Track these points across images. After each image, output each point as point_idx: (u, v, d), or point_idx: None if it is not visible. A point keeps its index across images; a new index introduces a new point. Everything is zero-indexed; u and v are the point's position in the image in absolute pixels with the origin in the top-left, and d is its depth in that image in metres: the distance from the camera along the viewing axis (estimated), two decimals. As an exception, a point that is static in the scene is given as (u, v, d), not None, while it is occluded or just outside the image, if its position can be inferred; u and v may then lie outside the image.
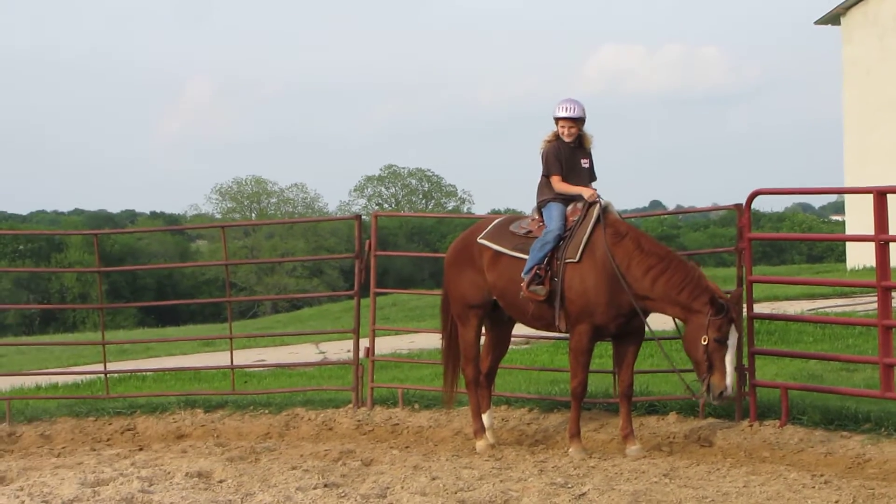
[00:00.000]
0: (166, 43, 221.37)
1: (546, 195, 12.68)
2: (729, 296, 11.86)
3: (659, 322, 12.58)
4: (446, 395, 13.73)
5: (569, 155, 12.66)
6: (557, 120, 12.67)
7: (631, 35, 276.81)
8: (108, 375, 16.79)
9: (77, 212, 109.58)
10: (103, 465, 12.76)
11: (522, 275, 12.43)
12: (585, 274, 12.21)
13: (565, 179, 12.60)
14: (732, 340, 11.69)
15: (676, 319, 12.52)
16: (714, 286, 11.84)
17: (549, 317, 12.53)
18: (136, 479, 11.34)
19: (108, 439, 14.95)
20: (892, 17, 36.28)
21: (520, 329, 13.70)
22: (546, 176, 12.69)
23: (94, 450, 14.23)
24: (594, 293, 12.15)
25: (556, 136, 12.70)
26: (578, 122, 12.65)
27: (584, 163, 12.71)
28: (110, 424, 15.24)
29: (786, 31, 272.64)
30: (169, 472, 11.86)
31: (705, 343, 11.63)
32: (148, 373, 19.18)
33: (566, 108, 12.62)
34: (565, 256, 12.29)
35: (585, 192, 12.50)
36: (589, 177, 12.73)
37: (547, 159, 12.67)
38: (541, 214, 12.72)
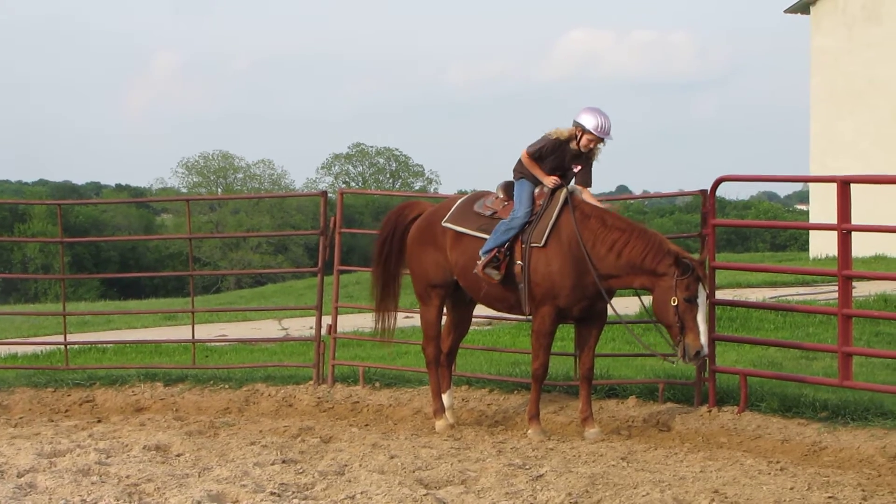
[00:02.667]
0: (135, 12, 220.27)
1: (522, 169, 12.54)
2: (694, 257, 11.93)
3: (621, 305, 12.60)
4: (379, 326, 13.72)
5: (564, 156, 12.46)
6: (584, 130, 12.28)
7: (600, 20, 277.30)
8: (68, 347, 16.72)
9: (41, 182, 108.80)
10: (60, 436, 12.72)
11: (480, 253, 12.40)
12: (551, 258, 12.20)
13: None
14: (702, 299, 11.70)
15: (642, 299, 12.57)
16: (677, 248, 11.86)
17: (511, 300, 12.52)
18: (94, 451, 11.31)
19: (67, 410, 14.91)
20: (862, 7, 36.39)
21: (482, 310, 13.71)
22: (527, 151, 12.50)
23: (52, 421, 14.18)
24: (559, 277, 12.15)
25: (573, 140, 12.39)
26: (604, 141, 12.42)
27: (576, 167, 12.51)
28: (69, 396, 15.19)
29: (755, 18, 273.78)
30: (127, 445, 11.84)
31: (675, 304, 11.64)
32: (108, 345, 19.10)
33: (599, 127, 12.22)
34: (531, 240, 12.28)
35: (547, 181, 12.43)
36: (571, 180, 12.54)
37: (541, 143, 12.39)
38: (506, 193, 12.65)
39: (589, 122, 12.22)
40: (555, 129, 12.48)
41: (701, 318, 11.65)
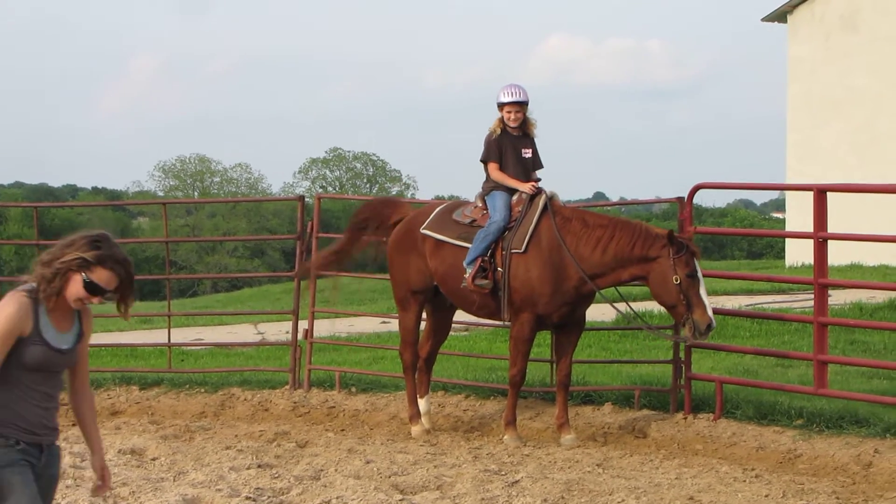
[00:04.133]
0: (112, 13, 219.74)
1: (491, 182, 12.68)
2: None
3: (597, 311, 12.62)
4: None
5: (511, 145, 12.65)
6: (502, 106, 12.64)
7: (577, 27, 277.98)
8: (43, 350, 16.65)
9: (17, 184, 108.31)
10: (35, 439, 12.66)
11: (465, 265, 12.43)
12: (531, 264, 12.23)
13: (507, 169, 12.60)
14: (700, 274, 11.77)
15: (629, 304, 12.63)
16: (665, 230, 11.93)
17: (491, 306, 12.54)
18: (68, 455, 11.27)
19: (42, 414, 14.83)
20: (839, 16, 36.50)
21: (460, 316, 13.72)
22: (483, 162, 12.70)
23: (27, 424, 14.12)
24: (539, 283, 12.18)
25: (502, 124, 12.69)
26: (523, 105, 12.65)
27: (527, 153, 12.70)
28: (44, 399, 15.12)
29: (732, 26, 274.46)
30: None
31: (678, 282, 11.69)
32: (84, 348, 18.99)
33: (510, 93, 12.61)
34: (511, 247, 12.30)
35: (524, 187, 12.50)
36: (532, 167, 12.73)
37: (487, 146, 12.69)
38: (484, 202, 12.72)
39: (503, 96, 12.66)
40: (489, 128, 12.77)
41: (703, 293, 11.70)
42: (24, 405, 5.91)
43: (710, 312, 11.70)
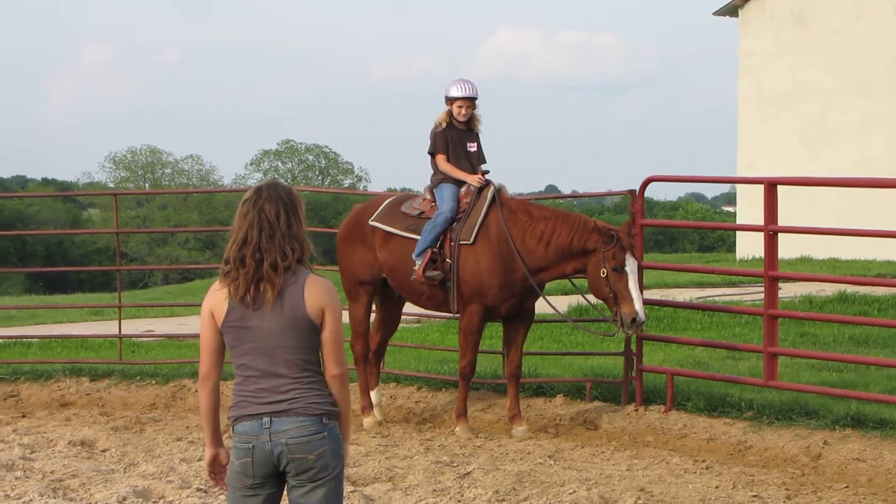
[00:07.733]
0: (63, 1, 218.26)
1: (439, 175, 12.69)
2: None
3: (545, 306, 12.65)
4: None
5: (456, 138, 12.67)
6: (452, 100, 12.63)
7: (528, 19, 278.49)
8: (-8, 341, 16.57)
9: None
10: (-16, 431, 12.59)
11: (414, 257, 12.42)
12: (480, 255, 12.24)
13: (452, 162, 12.61)
14: (631, 267, 11.78)
15: (586, 297, 12.65)
16: (602, 223, 11.97)
17: (440, 297, 12.55)
18: (18, 446, 11.22)
19: (-9, 405, 14.76)
20: (790, 11, 36.70)
21: (412, 308, 13.71)
22: (431, 154, 12.71)
23: (-24, 416, 14.03)
24: (487, 274, 12.19)
25: (449, 117, 12.69)
26: (473, 101, 12.67)
27: (472, 146, 12.71)
28: (-7, 390, 15.04)
29: (684, 20, 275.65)
30: (51, 440, 11.75)
31: (605, 275, 11.73)
32: (33, 340, 18.91)
33: (461, 88, 12.60)
34: (460, 238, 12.32)
35: (472, 179, 12.53)
36: (477, 160, 12.74)
37: (434, 138, 12.70)
38: (433, 194, 12.72)
39: (454, 91, 12.64)
40: (434, 120, 12.75)
41: (632, 286, 11.72)
42: None
43: (637, 306, 11.71)
